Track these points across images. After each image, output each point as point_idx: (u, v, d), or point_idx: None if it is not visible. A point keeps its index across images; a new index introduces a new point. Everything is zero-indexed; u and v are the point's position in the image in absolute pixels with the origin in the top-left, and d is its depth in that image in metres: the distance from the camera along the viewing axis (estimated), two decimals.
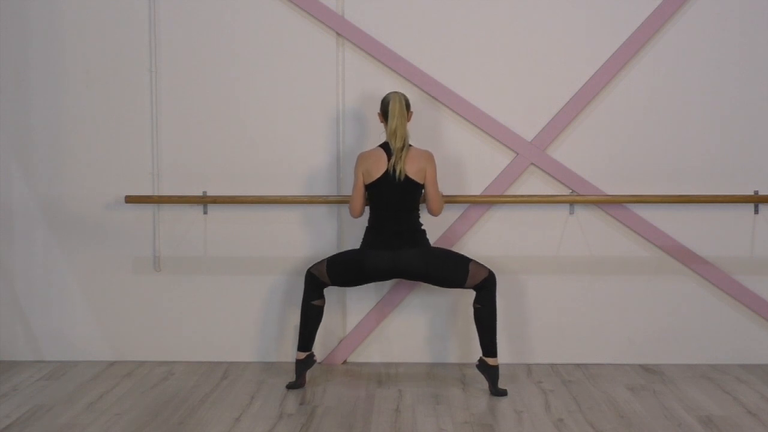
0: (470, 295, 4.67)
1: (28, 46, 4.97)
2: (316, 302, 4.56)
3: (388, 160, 4.43)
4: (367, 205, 4.60)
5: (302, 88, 4.95)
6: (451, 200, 4.81)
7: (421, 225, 4.52)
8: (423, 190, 4.50)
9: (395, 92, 4.50)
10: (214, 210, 5.01)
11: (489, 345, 4.46)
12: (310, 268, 4.59)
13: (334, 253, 4.91)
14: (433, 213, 4.57)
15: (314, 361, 4.61)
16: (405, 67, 4.88)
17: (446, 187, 4.80)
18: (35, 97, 4.99)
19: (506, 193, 4.93)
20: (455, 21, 4.91)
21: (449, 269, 4.44)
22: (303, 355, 4.57)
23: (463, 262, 4.46)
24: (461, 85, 4.92)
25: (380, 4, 4.92)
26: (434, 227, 4.83)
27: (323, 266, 4.53)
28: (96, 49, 4.97)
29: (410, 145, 4.48)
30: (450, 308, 4.98)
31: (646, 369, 4.90)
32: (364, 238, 4.53)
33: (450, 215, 4.92)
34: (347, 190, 4.87)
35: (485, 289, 4.45)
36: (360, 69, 4.93)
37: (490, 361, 4.46)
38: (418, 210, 4.52)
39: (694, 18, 4.87)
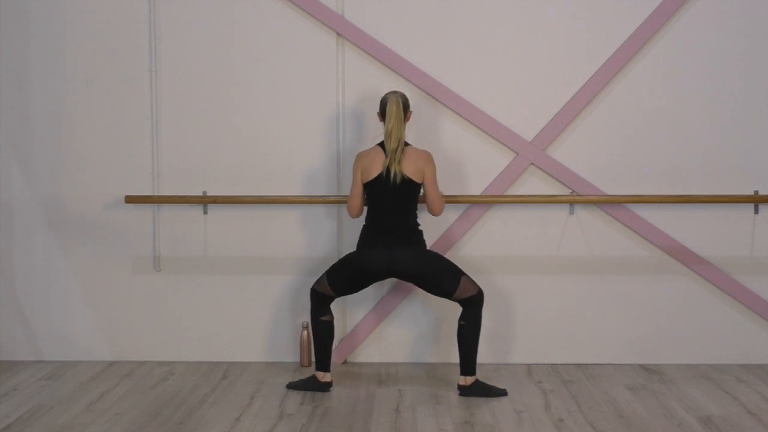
0: None
1: (28, 46, 4.97)
2: (324, 318, 4.53)
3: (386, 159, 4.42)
4: (366, 204, 4.59)
5: (302, 88, 4.95)
6: (451, 200, 4.81)
7: (419, 225, 4.51)
8: (422, 190, 4.49)
9: (394, 92, 4.48)
10: (214, 210, 5.01)
11: (468, 363, 4.42)
12: (313, 285, 4.56)
13: (334, 255, 4.92)
14: (434, 213, 4.56)
15: (328, 389, 4.53)
16: (405, 67, 4.88)
17: (446, 187, 4.80)
18: (35, 97, 4.99)
19: (506, 193, 4.93)
20: (455, 21, 4.91)
21: (441, 277, 4.39)
22: (323, 376, 4.50)
23: (456, 273, 4.42)
24: (461, 85, 4.92)
25: (380, 4, 4.92)
26: (434, 227, 4.83)
27: (324, 279, 4.51)
28: (96, 49, 4.97)
29: (408, 144, 4.47)
30: (450, 308, 4.96)
31: (646, 369, 4.90)
32: (360, 237, 4.51)
33: (450, 215, 4.92)
34: (347, 190, 4.87)
35: (472, 306, 4.42)
36: (360, 69, 4.93)
37: (468, 380, 4.42)
38: (416, 210, 4.51)
39: (695, 18, 4.87)
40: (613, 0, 4.89)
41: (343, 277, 4.47)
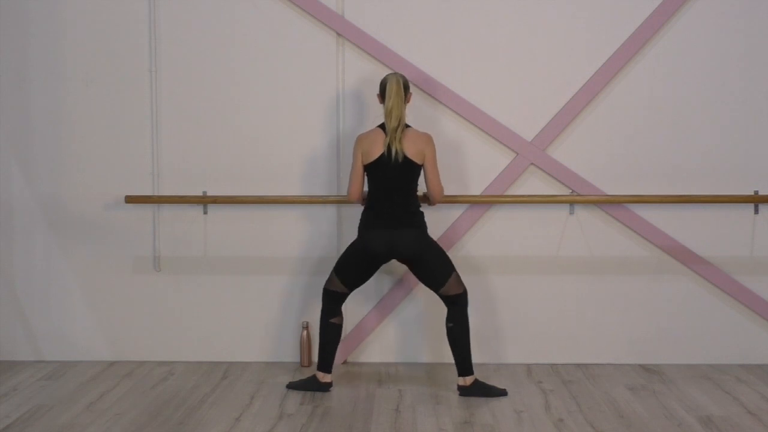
0: (470, 294, 4.64)
1: (28, 46, 4.97)
2: (333, 320, 4.52)
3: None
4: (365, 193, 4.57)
5: (302, 88, 4.95)
6: (451, 200, 4.81)
7: (419, 206, 4.47)
8: (422, 173, 4.46)
9: (393, 73, 4.45)
10: (214, 210, 5.01)
11: (463, 364, 4.42)
12: (324, 285, 4.55)
13: (334, 255, 4.92)
14: (433, 197, 4.51)
15: (328, 390, 4.53)
16: (405, 67, 4.88)
17: (446, 187, 4.79)
18: (35, 97, 4.99)
19: (506, 193, 4.93)
20: (455, 21, 4.91)
21: (436, 266, 4.40)
22: (324, 376, 4.50)
23: (450, 267, 4.43)
24: (461, 85, 4.92)
25: (380, 4, 4.92)
26: (435, 227, 4.83)
27: (333, 276, 4.50)
28: (96, 49, 4.97)
29: (408, 126, 4.45)
30: None
31: (646, 369, 4.90)
32: (361, 220, 4.47)
33: (450, 215, 4.92)
34: (347, 190, 4.85)
35: (457, 306, 4.43)
36: (360, 69, 4.93)
37: (468, 380, 4.42)
38: (416, 192, 4.47)
39: (695, 18, 4.88)
40: (613, 0, 4.89)
41: (350, 266, 4.46)
